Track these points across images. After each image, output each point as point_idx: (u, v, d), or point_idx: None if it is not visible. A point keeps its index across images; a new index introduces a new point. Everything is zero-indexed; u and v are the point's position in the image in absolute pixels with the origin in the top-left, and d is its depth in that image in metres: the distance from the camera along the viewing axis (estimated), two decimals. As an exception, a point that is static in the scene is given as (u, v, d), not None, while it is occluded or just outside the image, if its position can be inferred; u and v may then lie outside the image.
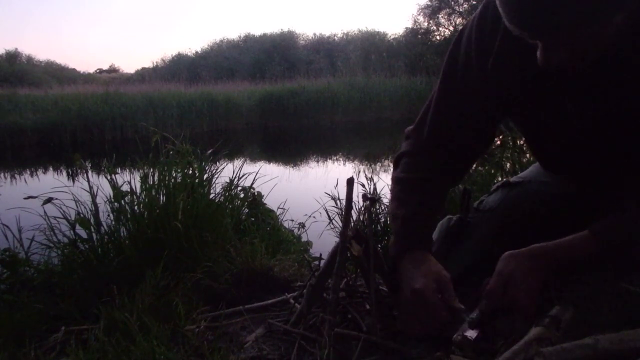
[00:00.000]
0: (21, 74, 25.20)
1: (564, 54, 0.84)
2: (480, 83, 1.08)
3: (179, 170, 1.97)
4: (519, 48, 0.95)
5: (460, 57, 1.11)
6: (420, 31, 22.43)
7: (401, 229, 1.12)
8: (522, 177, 1.33)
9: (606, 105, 0.96)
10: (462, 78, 1.11)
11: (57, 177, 7.89)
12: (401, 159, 1.23)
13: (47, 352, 1.24)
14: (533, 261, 0.96)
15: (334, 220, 2.52)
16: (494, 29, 1.03)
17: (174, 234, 1.69)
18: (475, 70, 1.08)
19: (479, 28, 1.06)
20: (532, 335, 0.85)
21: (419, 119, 1.21)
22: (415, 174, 1.17)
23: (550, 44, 0.84)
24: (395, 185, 1.20)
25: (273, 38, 28.83)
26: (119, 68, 43.79)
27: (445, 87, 1.16)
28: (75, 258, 1.73)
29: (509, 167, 2.60)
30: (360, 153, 9.95)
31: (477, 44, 1.07)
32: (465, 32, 1.11)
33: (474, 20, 1.08)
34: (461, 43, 1.11)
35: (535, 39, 0.84)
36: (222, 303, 1.33)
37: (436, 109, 1.17)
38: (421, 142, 1.19)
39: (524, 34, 0.83)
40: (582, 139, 1.03)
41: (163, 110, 12.98)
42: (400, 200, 1.16)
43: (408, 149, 1.22)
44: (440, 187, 1.18)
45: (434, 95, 1.18)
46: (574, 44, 0.82)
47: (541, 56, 0.85)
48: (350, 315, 1.15)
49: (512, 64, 1.02)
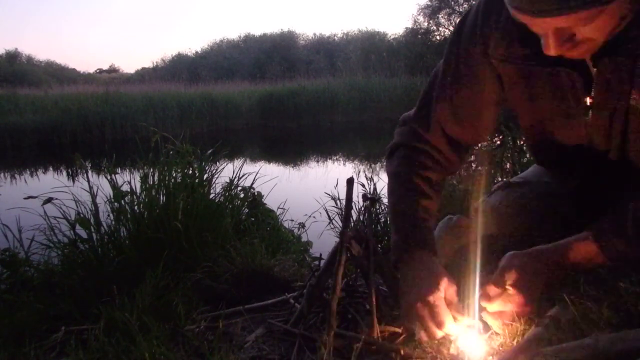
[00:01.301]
0: (21, 74, 25.20)
1: (567, 40, 0.83)
2: (482, 72, 1.06)
3: (179, 170, 1.97)
4: (520, 35, 0.95)
5: (462, 44, 1.08)
6: (420, 31, 22.41)
7: (402, 226, 1.10)
8: (523, 177, 1.33)
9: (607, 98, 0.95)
10: (463, 68, 1.08)
11: (57, 177, 7.89)
12: (397, 149, 1.19)
13: (47, 352, 1.24)
14: (534, 262, 0.96)
15: (334, 220, 2.52)
16: (498, 18, 1.01)
17: (174, 234, 1.69)
18: (478, 57, 1.06)
19: (484, 13, 1.04)
20: (532, 335, 0.85)
21: (419, 109, 1.17)
22: (413, 169, 1.14)
23: (554, 31, 0.83)
24: (393, 180, 1.17)
25: (273, 38, 28.82)
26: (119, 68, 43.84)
27: (450, 78, 1.11)
28: (75, 258, 1.73)
29: (509, 167, 2.60)
30: (360, 153, 9.95)
31: (482, 33, 1.04)
32: (468, 18, 1.08)
33: (479, 5, 1.06)
34: (463, 31, 1.08)
35: (540, 25, 0.83)
36: (222, 303, 1.33)
37: (441, 100, 1.13)
38: (425, 135, 1.15)
39: (527, 18, 0.83)
40: (582, 131, 1.02)
41: (163, 110, 12.96)
42: (398, 196, 1.14)
43: (404, 139, 1.18)
44: (440, 181, 1.17)
45: (437, 85, 1.14)
46: (576, 29, 0.82)
47: (545, 44, 0.85)
48: (350, 315, 1.15)
49: (516, 53, 1.00)
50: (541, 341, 0.84)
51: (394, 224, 1.13)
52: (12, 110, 12.06)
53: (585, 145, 1.04)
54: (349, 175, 1.18)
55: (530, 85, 1.02)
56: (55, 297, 1.55)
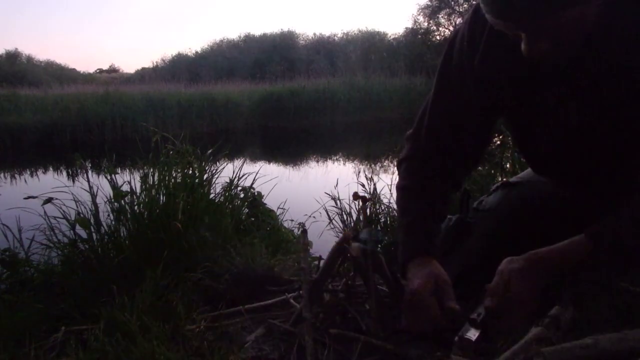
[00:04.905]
0: (21, 74, 25.16)
1: (546, 43, 0.85)
2: (473, 84, 1.08)
3: (179, 170, 1.97)
4: (504, 47, 0.97)
5: (454, 59, 1.12)
6: (420, 31, 22.43)
7: (405, 237, 1.13)
8: (522, 177, 1.33)
9: (591, 105, 0.97)
10: (456, 80, 1.12)
11: (57, 177, 7.88)
12: (402, 164, 1.23)
13: (47, 352, 1.24)
14: (534, 265, 0.96)
15: (334, 220, 2.52)
16: (484, 31, 1.03)
17: (174, 234, 1.69)
18: (467, 71, 1.09)
19: (470, 30, 1.07)
20: (532, 335, 0.85)
21: (416, 123, 1.22)
22: (415, 181, 1.18)
23: (532, 33, 0.84)
24: (398, 194, 1.21)
25: (273, 38, 28.80)
26: (119, 68, 43.72)
27: (440, 90, 1.16)
28: (75, 258, 1.73)
29: (509, 167, 2.60)
30: (360, 153, 9.95)
31: (469, 46, 1.07)
32: (458, 34, 1.12)
33: (466, 23, 1.09)
34: (454, 45, 1.12)
35: (518, 28, 0.84)
36: (222, 303, 1.33)
37: (432, 112, 1.17)
38: (419, 146, 1.20)
39: (506, 24, 0.84)
40: (569, 140, 1.03)
41: (163, 110, 12.95)
42: (403, 209, 1.18)
43: (407, 154, 1.23)
44: (440, 191, 1.18)
45: (430, 99, 1.19)
46: (555, 31, 0.83)
47: (525, 47, 0.86)
48: (350, 315, 1.15)
49: (498, 64, 1.02)
50: (541, 341, 0.84)
51: (399, 235, 1.16)
52: (12, 110, 12.04)
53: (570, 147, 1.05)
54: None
55: (514, 92, 1.04)
56: (55, 297, 1.55)
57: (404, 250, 1.11)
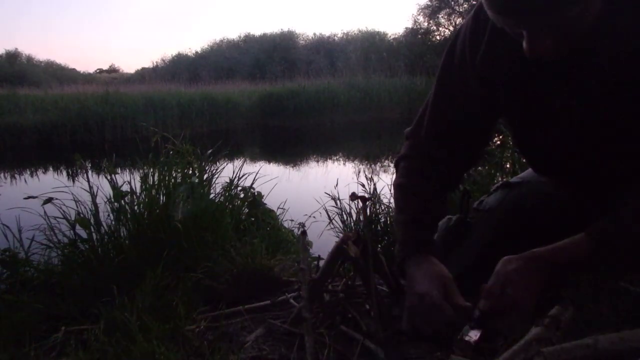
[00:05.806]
0: (21, 74, 25.16)
1: (547, 40, 0.84)
2: (474, 83, 1.08)
3: (179, 170, 1.97)
4: (506, 47, 0.96)
5: (455, 58, 1.12)
6: (420, 31, 22.45)
7: (403, 236, 1.13)
8: (522, 177, 1.33)
9: (592, 104, 0.97)
10: (457, 79, 1.12)
11: (57, 177, 7.89)
12: (400, 162, 1.23)
13: (47, 352, 1.24)
14: (531, 265, 0.96)
15: (334, 220, 2.51)
16: (485, 30, 1.03)
17: (174, 234, 1.69)
18: (469, 70, 1.09)
19: (472, 29, 1.07)
20: (532, 335, 0.85)
21: (416, 121, 1.22)
22: (413, 179, 1.18)
23: (533, 29, 0.84)
24: (396, 192, 1.21)
25: (273, 38, 28.80)
26: (119, 68, 43.79)
27: (441, 89, 1.16)
28: (75, 258, 1.73)
29: (509, 167, 2.59)
30: (360, 153, 9.95)
31: (471, 45, 1.07)
32: (460, 33, 1.12)
33: (468, 22, 1.09)
34: (456, 44, 1.12)
35: (519, 24, 0.84)
36: (222, 303, 1.33)
37: (432, 110, 1.17)
38: (419, 144, 1.20)
39: (507, 21, 0.83)
40: (570, 139, 1.03)
41: (163, 110, 12.96)
42: (400, 207, 1.18)
43: (406, 152, 1.23)
44: (438, 190, 1.18)
45: (430, 97, 1.19)
46: (556, 28, 0.83)
47: (526, 45, 0.86)
48: (350, 315, 1.15)
49: (500, 63, 1.02)
50: (541, 341, 0.83)
51: (397, 234, 1.16)
52: (12, 110, 12.05)
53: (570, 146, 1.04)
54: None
55: (515, 90, 1.04)
56: (55, 297, 1.55)
57: (401, 248, 1.11)
